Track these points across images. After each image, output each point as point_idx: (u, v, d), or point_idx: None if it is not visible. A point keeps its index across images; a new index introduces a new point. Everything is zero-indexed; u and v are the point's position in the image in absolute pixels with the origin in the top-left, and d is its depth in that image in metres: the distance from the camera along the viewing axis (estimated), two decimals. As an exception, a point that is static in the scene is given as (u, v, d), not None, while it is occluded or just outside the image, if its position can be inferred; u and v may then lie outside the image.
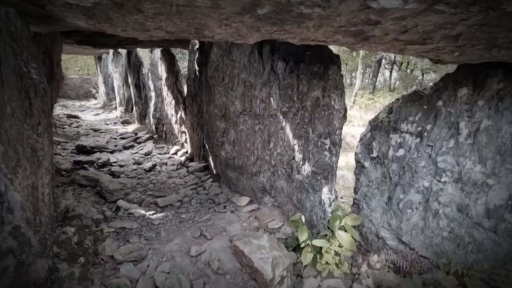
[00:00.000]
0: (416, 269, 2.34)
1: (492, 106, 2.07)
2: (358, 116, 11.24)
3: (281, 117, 2.88)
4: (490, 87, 2.08)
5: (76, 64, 17.21)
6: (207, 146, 4.54)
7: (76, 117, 9.77)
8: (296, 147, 2.82)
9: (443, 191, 2.28)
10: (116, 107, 10.98)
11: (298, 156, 2.81)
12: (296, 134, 2.78)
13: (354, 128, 9.16)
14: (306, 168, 2.76)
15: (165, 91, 6.33)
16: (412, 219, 2.47)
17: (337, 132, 2.55)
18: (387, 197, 2.72)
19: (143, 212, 3.50)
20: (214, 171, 4.39)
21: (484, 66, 2.14)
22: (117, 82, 10.27)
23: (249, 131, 3.33)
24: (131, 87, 8.80)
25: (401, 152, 2.63)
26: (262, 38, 1.72)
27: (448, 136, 2.29)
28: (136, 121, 8.88)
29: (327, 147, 2.59)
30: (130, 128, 8.54)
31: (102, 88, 12.68)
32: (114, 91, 11.18)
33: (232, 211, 3.55)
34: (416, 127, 2.53)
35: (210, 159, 4.49)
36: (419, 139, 2.50)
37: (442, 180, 2.28)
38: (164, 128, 6.96)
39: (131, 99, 9.41)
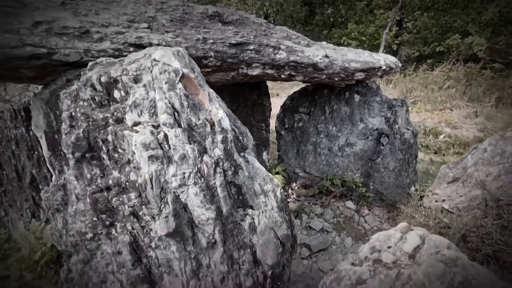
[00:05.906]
0: (314, 183, 4.59)
1: (337, 98, 4.26)
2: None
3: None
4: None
5: None
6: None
7: None
8: (244, 130, 4.40)
9: (322, 143, 4.49)
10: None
11: (246, 135, 4.43)
12: (243, 121, 4.33)
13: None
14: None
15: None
16: (310, 159, 4.65)
17: (268, 119, 4.29)
18: (296, 150, 4.81)
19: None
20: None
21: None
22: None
23: (206, 123, 4.61)
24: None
25: (300, 123, 4.68)
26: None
27: (321, 114, 4.43)
28: None
29: (263, 128, 4.31)
30: None
31: None
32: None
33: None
34: (307, 109, 4.58)
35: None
36: (308, 116, 4.58)
37: (317, 136, 4.47)
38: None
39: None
